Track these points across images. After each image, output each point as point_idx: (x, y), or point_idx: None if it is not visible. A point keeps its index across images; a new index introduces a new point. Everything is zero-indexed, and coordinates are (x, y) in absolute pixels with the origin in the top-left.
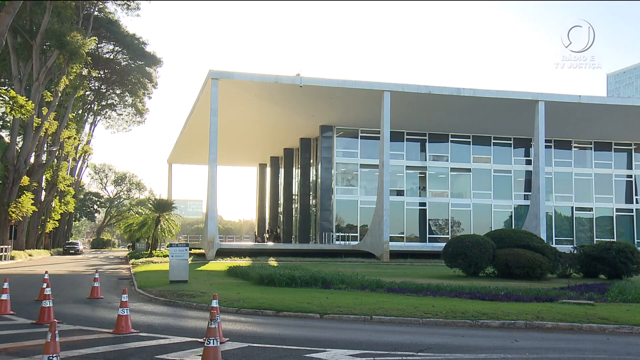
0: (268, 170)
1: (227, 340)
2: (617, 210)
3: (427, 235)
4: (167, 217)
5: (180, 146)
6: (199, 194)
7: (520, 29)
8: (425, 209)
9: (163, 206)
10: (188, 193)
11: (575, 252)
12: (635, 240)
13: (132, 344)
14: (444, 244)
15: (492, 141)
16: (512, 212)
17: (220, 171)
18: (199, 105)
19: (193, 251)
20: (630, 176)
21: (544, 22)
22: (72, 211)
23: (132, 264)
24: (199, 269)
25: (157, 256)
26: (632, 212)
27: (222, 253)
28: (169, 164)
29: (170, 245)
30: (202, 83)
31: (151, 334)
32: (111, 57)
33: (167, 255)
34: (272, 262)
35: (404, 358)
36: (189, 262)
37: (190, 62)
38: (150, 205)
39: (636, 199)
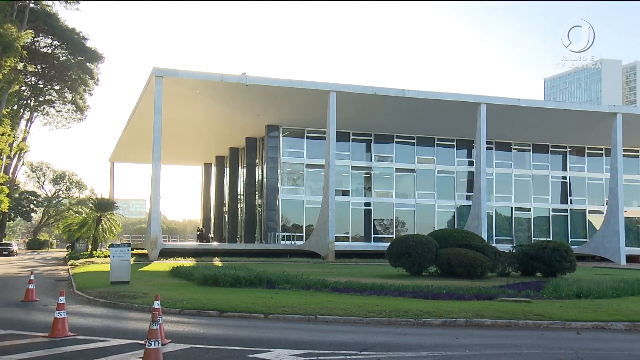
0: (213, 169)
1: (170, 342)
2: (553, 210)
3: (372, 235)
4: (108, 217)
5: (123, 144)
6: (143, 194)
7: (463, 31)
8: (371, 209)
9: (104, 206)
10: (131, 192)
11: (514, 251)
12: (570, 240)
13: (69, 347)
14: (388, 244)
15: (436, 142)
16: (454, 212)
17: (165, 170)
18: (142, 103)
19: (136, 251)
20: (565, 177)
21: (487, 25)
22: (6, 211)
23: (71, 265)
24: (141, 269)
25: (98, 257)
26: (567, 212)
27: (166, 253)
28: (111, 162)
29: (112, 245)
30: (145, 81)
31: (90, 337)
32: (49, 51)
33: (109, 256)
34: (217, 262)
35: (348, 357)
36: (131, 262)
37: (134, 60)
38: (91, 205)
39: (570, 199)
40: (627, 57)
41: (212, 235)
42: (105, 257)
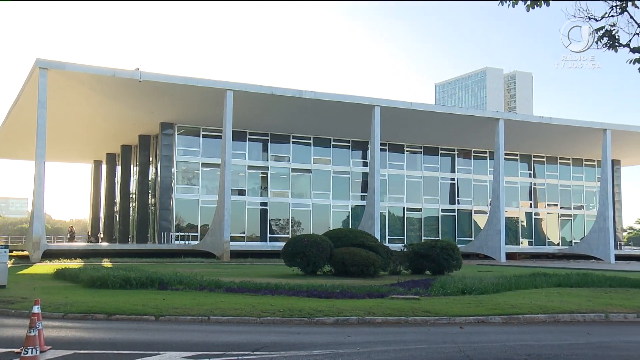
0: (104, 167)
1: (50, 349)
2: (442, 210)
3: (268, 235)
4: None
5: (2, 139)
6: (25, 192)
7: (362, 34)
8: (267, 209)
9: None
10: (11, 190)
11: (405, 250)
12: (457, 238)
13: None
14: (284, 244)
15: (332, 143)
16: (349, 212)
17: (50, 167)
18: (24, 95)
19: (16, 253)
20: (454, 179)
21: (384, 29)
22: None
23: None
24: (21, 272)
25: None
26: (455, 212)
27: (51, 255)
28: None
29: None
30: (28, 72)
31: None
32: None
33: None
34: (107, 263)
35: (240, 357)
36: (9, 265)
37: (15, 50)
38: None
39: (458, 200)
40: (508, 66)
41: (101, 235)
42: None
